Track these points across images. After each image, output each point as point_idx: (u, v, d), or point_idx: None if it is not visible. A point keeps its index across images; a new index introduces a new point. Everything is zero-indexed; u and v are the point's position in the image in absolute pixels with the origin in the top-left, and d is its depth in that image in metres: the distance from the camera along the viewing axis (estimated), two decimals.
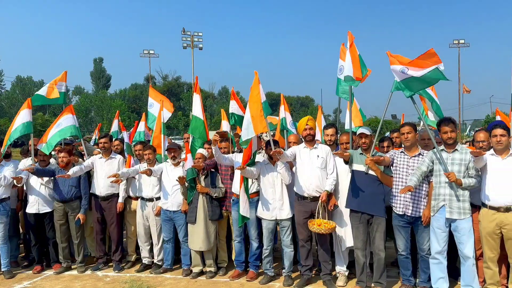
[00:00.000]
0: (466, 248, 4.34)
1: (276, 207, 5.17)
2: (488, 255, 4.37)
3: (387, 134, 6.49)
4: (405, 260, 4.77)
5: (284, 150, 5.35)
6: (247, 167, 4.97)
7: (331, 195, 5.05)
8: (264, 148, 5.59)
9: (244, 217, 5.09)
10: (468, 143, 6.83)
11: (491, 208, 4.30)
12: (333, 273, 5.30)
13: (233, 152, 5.75)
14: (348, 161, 4.90)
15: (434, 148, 4.64)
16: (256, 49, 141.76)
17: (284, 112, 6.12)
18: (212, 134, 5.41)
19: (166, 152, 5.95)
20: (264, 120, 5.08)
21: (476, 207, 4.53)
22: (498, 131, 4.29)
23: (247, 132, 5.03)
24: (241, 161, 5.08)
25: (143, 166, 5.84)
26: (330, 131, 5.54)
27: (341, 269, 5.23)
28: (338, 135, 5.76)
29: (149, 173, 5.50)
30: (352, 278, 5.17)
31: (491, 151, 4.42)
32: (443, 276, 4.50)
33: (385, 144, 5.58)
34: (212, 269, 5.57)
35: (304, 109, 72.09)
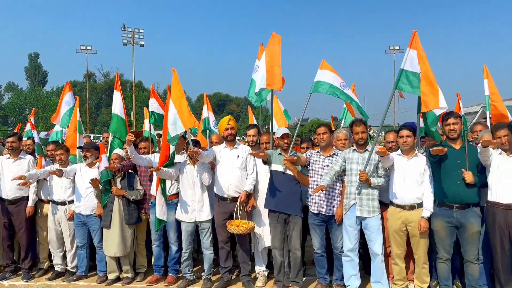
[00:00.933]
0: (375, 246, 4.47)
1: (196, 209, 5.05)
2: (395, 251, 4.54)
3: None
4: (320, 259, 4.85)
5: (207, 150, 5.26)
6: (163, 168, 4.80)
7: (251, 195, 5.03)
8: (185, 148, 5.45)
9: (161, 220, 4.91)
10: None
11: (398, 206, 4.47)
12: (254, 274, 5.28)
13: (153, 152, 5.55)
14: (266, 161, 4.90)
15: (350, 147, 4.76)
16: (201, 49, 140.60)
17: (207, 112, 6.01)
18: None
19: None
20: (193, 115, 4.94)
21: (386, 205, 4.70)
22: (404, 132, 4.48)
23: (175, 127, 4.84)
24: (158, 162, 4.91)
25: (55, 167, 5.47)
26: (252, 131, 5.51)
27: (260, 269, 5.21)
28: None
29: (59, 174, 5.15)
30: (272, 278, 5.17)
31: (399, 151, 4.60)
32: (355, 274, 4.60)
33: (305, 145, 5.67)
34: (129, 275, 5.33)
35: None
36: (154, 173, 4.94)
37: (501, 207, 3.96)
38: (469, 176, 4.11)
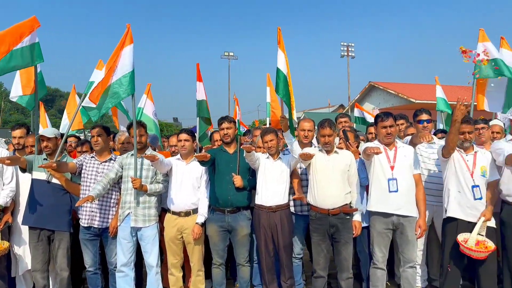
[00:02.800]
0: (151, 257, 4.17)
1: None
2: (171, 261, 4.31)
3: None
4: (93, 277, 4.31)
5: None
6: None
7: (7, 209, 4.20)
8: None
9: None
10: None
11: (174, 213, 4.27)
12: None
13: None
14: (25, 169, 4.15)
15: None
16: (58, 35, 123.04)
17: None
18: None
19: None
20: None
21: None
22: (183, 136, 4.33)
23: None
24: None
25: None
26: (17, 132, 4.70)
27: None
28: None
29: None
30: None
31: (178, 155, 4.42)
32: None
33: (82, 148, 5.04)
34: None
35: None
36: None
37: (265, 210, 4.09)
38: (237, 180, 4.15)
